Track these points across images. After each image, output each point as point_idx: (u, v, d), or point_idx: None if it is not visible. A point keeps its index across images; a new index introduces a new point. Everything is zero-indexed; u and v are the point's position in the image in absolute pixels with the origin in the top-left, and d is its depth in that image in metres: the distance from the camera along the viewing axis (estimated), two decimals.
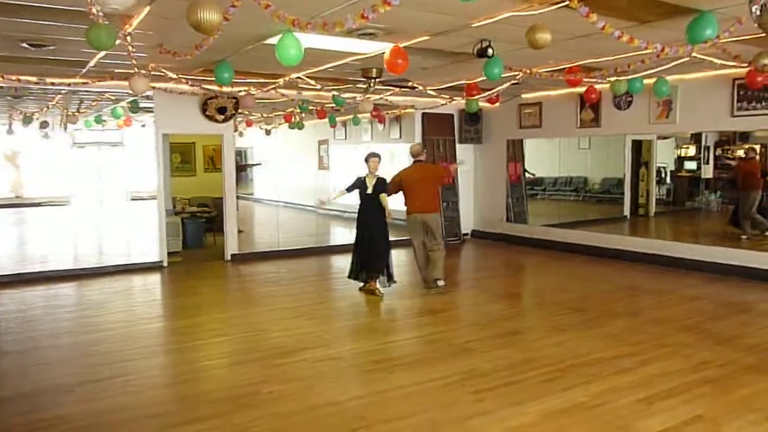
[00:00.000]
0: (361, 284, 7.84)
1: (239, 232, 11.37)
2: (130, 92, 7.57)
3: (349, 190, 7.91)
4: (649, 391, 4.52)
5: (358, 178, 7.83)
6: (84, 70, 7.81)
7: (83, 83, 8.35)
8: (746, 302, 7.42)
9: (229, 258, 10.44)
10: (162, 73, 7.67)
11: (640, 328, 6.25)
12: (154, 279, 9.20)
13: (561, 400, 4.39)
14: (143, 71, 7.10)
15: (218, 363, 5.51)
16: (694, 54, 5.98)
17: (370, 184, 7.71)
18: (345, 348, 5.78)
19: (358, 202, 7.95)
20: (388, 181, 7.89)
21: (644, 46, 4.76)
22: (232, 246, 10.52)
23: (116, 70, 7.83)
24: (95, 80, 8.27)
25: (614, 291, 8.19)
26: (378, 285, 7.69)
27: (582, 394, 4.49)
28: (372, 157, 7.77)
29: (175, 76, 7.83)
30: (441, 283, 7.81)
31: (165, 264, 9.88)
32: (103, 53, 6.64)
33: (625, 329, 6.20)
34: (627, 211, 12.94)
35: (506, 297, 8.08)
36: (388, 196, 7.77)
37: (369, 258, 7.70)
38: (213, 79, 7.18)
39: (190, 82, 8.24)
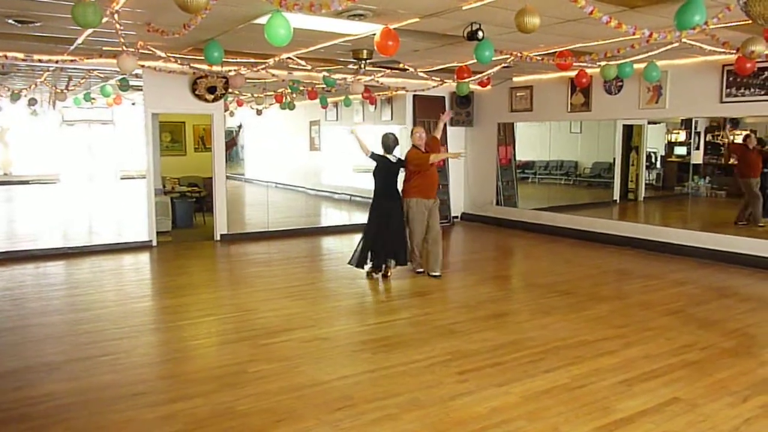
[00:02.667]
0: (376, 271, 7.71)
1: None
2: (119, 70, 7.51)
3: (373, 156, 7.57)
4: (631, 374, 4.59)
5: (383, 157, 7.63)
6: (72, 48, 7.73)
7: (71, 60, 8.29)
8: (730, 287, 7.51)
9: (218, 238, 10.45)
10: (151, 52, 7.61)
11: (625, 311, 6.33)
12: (143, 258, 9.20)
13: (544, 381, 4.45)
14: (131, 49, 7.04)
15: (205, 342, 5.54)
16: (683, 40, 5.98)
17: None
18: (332, 328, 5.82)
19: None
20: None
21: (632, 31, 4.77)
22: (221, 226, 10.52)
23: (104, 48, 7.77)
24: (83, 58, 8.22)
25: (601, 275, 8.26)
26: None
27: (565, 375, 4.56)
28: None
29: (164, 54, 7.77)
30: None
31: (154, 243, 9.88)
32: (90, 30, 6.58)
33: (610, 312, 6.27)
34: (617, 196, 12.97)
35: (494, 279, 8.14)
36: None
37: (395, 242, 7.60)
38: (202, 58, 7.13)
39: (179, 61, 8.18)
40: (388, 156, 7.64)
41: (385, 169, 7.59)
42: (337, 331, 5.77)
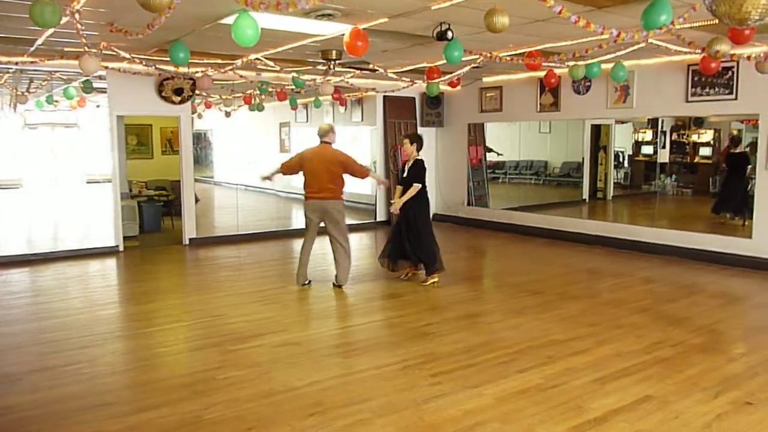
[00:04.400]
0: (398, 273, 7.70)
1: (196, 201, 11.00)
2: (81, 72, 7.32)
3: (422, 180, 7.49)
4: (603, 372, 4.60)
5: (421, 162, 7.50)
6: (32, 49, 7.51)
7: (31, 62, 8.06)
8: (698, 284, 7.61)
9: (187, 242, 10.27)
10: (114, 53, 7.44)
11: (596, 310, 6.36)
12: (110, 264, 9.00)
13: (517, 382, 4.43)
14: (94, 50, 6.86)
15: (173, 349, 5.41)
16: (650, 40, 6.03)
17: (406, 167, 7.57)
18: (304, 333, 5.74)
19: None
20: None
21: (600, 31, 4.79)
22: (190, 230, 10.35)
23: (66, 49, 7.58)
24: (44, 59, 7.99)
25: (572, 273, 8.31)
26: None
27: (538, 375, 4.55)
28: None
29: (128, 56, 7.59)
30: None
31: (121, 249, 9.67)
32: (51, 31, 6.40)
33: (581, 311, 6.30)
34: (586, 195, 13.12)
35: (466, 280, 8.12)
36: (288, 174, 7.54)
37: (405, 246, 7.40)
38: (168, 59, 6.99)
39: (144, 63, 8.00)
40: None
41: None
42: (309, 335, 5.69)
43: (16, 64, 8.10)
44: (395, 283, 7.49)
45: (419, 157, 7.51)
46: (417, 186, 7.35)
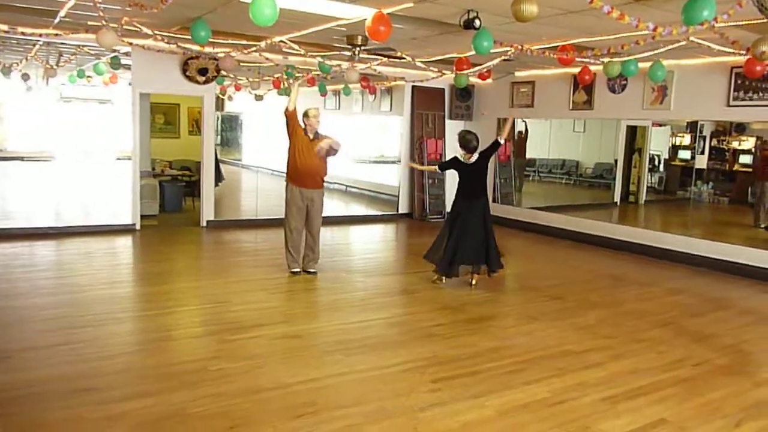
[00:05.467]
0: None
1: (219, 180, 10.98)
2: (99, 45, 7.20)
3: (442, 168, 7.66)
4: (616, 390, 4.31)
5: (454, 158, 7.17)
6: (56, 21, 7.42)
7: (56, 35, 7.97)
8: (728, 298, 7.22)
9: (204, 224, 10.17)
10: (137, 29, 7.31)
11: (615, 320, 6.04)
12: (124, 242, 8.92)
13: (522, 394, 4.17)
14: (114, 25, 6.73)
15: (171, 335, 5.26)
16: (690, 38, 5.67)
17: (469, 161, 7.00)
18: (307, 326, 5.55)
19: None
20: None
21: (635, 24, 4.45)
22: (208, 212, 10.23)
23: (89, 23, 7.47)
24: (68, 32, 7.90)
25: (595, 280, 7.97)
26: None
27: (545, 389, 4.27)
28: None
29: (150, 32, 7.45)
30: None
31: (137, 227, 9.60)
32: (72, 2, 6.30)
33: (600, 321, 5.98)
34: (617, 198, 12.68)
35: (482, 280, 7.79)
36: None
37: (479, 247, 6.97)
38: (191, 37, 6.83)
39: (166, 40, 7.87)
40: (461, 158, 7.06)
41: (461, 172, 7.11)
42: (311, 329, 5.49)
43: (41, 35, 8.02)
44: (409, 279, 7.26)
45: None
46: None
